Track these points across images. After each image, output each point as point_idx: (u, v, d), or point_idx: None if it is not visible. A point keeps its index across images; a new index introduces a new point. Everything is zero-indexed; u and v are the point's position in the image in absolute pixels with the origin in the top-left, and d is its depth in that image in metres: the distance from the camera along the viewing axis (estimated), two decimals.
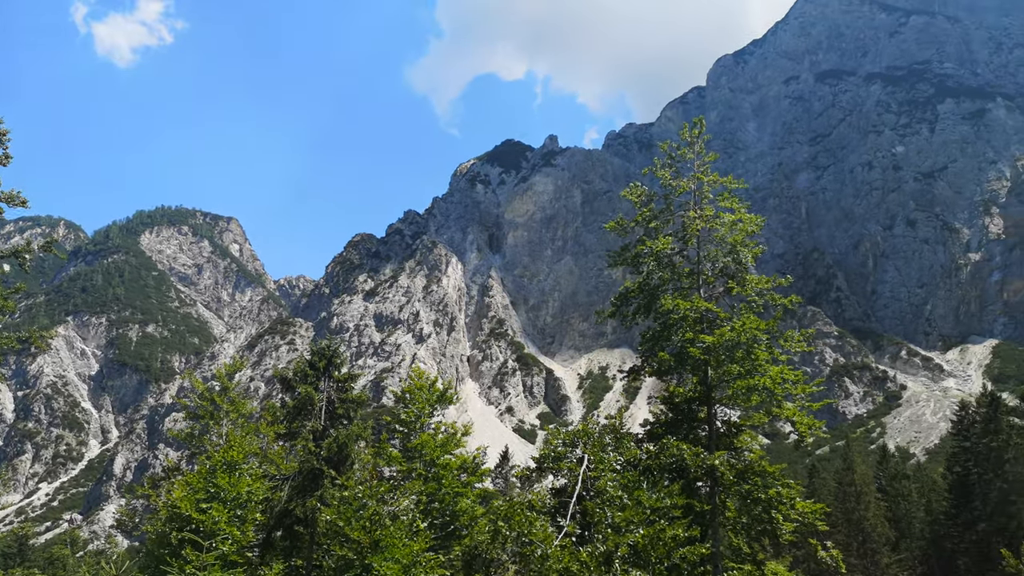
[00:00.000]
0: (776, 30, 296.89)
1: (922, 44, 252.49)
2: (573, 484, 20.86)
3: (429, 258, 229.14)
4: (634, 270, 29.46)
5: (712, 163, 29.45)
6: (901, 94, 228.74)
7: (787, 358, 27.54)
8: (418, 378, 34.70)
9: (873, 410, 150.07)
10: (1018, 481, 57.08)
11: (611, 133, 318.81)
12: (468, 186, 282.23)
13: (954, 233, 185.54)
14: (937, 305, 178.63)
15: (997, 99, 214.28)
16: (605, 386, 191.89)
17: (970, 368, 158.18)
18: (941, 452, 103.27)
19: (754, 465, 25.36)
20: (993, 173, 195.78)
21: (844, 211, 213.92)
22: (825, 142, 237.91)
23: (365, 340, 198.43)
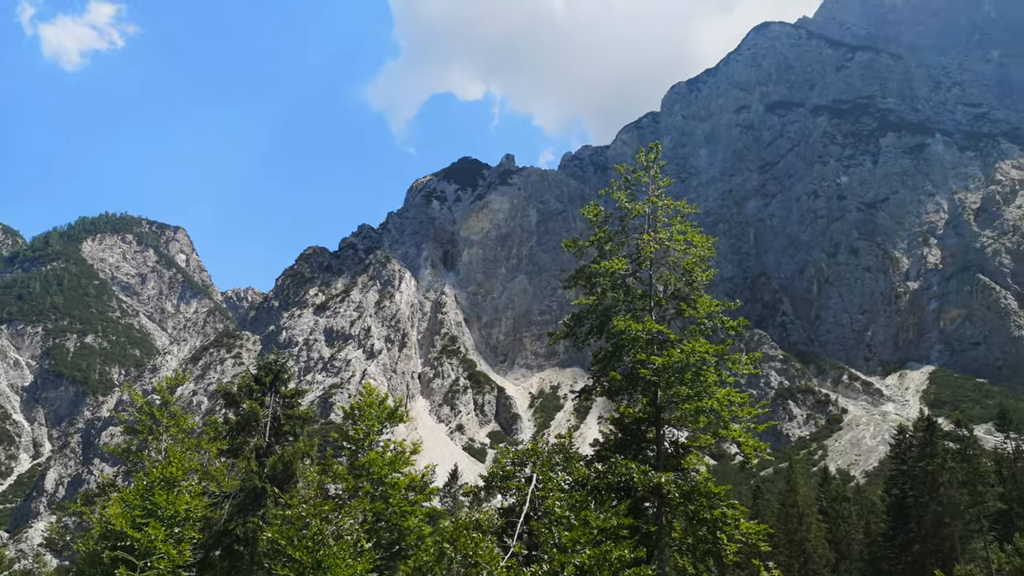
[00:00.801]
0: (729, 60, 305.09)
1: (866, 79, 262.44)
2: (521, 504, 20.73)
3: (382, 273, 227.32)
4: (588, 291, 29.67)
5: (667, 188, 29.96)
6: (846, 126, 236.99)
7: (734, 380, 28.02)
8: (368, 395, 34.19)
9: (816, 433, 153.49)
10: (952, 504, 58.90)
11: (567, 154, 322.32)
12: (424, 202, 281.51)
13: (894, 262, 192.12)
14: (878, 331, 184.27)
15: (936, 135, 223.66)
16: (556, 405, 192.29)
17: (908, 393, 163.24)
18: (880, 475, 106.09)
19: (700, 486, 25.64)
20: (932, 205, 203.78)
21: (791, 238, 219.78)
22: (773, 170, 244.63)
23: (314, 355, 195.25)
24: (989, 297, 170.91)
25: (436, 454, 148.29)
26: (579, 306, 30.14)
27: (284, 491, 28.51)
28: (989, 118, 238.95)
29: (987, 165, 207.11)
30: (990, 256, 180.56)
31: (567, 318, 30.90)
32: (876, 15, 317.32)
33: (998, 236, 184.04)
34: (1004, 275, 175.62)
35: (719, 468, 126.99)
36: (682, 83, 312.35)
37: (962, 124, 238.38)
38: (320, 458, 32.14)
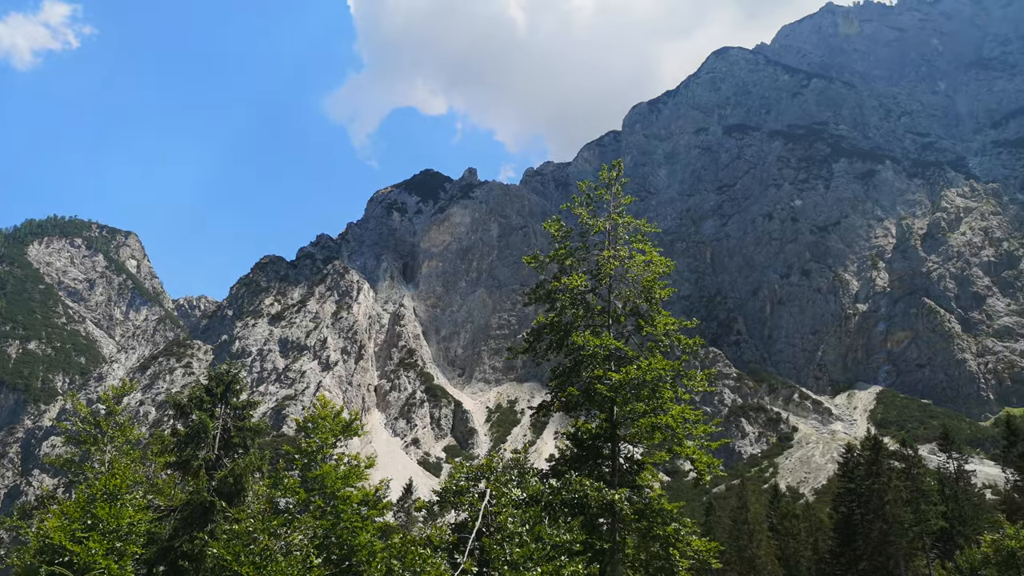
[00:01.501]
0: (689, 83, 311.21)
1: (821, 106, 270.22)
2: (474, 519, 20.54)
3: (340, 284, 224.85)
4: (548, 306, 29.74)
5: (628, 205, 30.27)
6: (800, 151, 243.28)
7: (689, 397, 28.30)
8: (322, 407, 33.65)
9: (767, 450, 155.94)
10: (896, 522, 60.25)
11: (529, 170, 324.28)
12: (384, 213, 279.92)
13: (844, 284, 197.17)
14: (828, 351, 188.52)
15: (886, 162, 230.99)
16: (513, 420, 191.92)
17: (856, 413, 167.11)
18: (828, 492, 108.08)
19: (653, 503, 25.77)
20: (881, 230, 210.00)
21: (746, 258, 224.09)
22: (730, 192, 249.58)
23: (268, 366, 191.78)
24: (934, 320, 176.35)
25: (391, 468, 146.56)
26: (539, 321, 30.20)
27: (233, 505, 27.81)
28: (936, 147, 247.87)
29: (934, 192, 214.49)
30: (935, 281, 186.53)
31: (527, 333, 30.92)
32: (831, 44, 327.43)
33: (943, 261, 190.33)
34: (948, 299, 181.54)
35: (673, 484, 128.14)
36: (643, 103, 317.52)
37: (911, 152, 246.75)
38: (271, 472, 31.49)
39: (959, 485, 69.19)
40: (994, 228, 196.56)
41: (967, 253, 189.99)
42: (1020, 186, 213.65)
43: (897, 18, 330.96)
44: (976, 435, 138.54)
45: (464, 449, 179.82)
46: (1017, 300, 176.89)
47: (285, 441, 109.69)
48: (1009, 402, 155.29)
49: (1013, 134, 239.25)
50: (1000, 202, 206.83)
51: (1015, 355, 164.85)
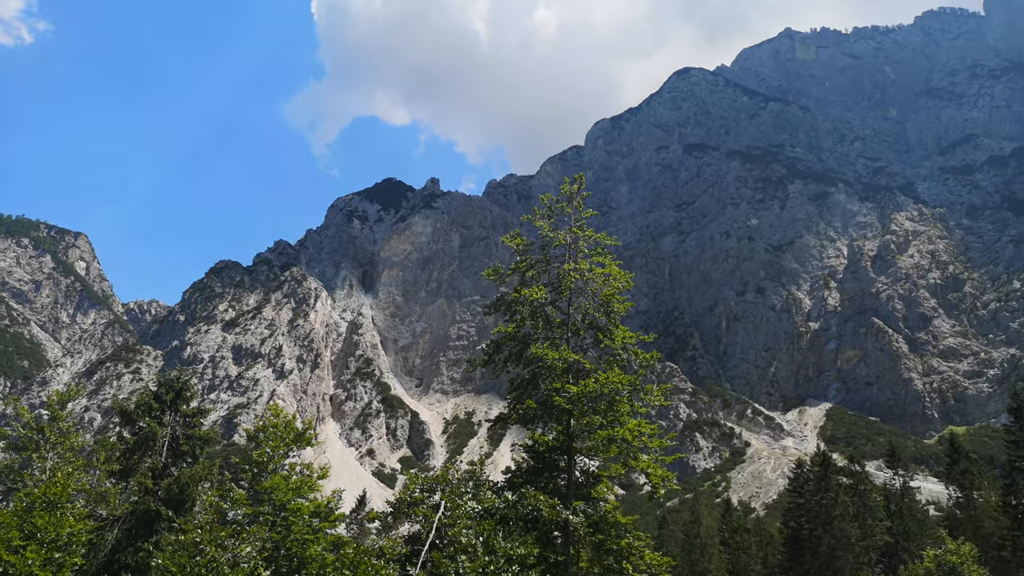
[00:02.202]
0: (651, 101, 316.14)
1: (777, 128, 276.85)
2: (427, 531, 20.33)
3: (298, 291, 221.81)
4: (508, 318, 29.73)
5: (588, 219, 30.50)
6: (757, 171, 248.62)
7: (646, 411, 28.51)
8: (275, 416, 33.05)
9: (720, 465, 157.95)
10: (843, 537, 61.46)
11: (492, 182, 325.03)
12: (345, 221, 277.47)
13: (797, 303, 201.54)
14: (780, 368, 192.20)
15: (839, 184, 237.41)
16: (470, 431, 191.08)
17: (807, 429, 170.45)
18: (779, 507, 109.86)
19: (608, 516, 25.85)
20: (833, 251, 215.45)
21: (703, 275, 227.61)
22: (689, 209, 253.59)
23: (220, 373, 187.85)
24: (882, 340, 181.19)
25: (344, 479, 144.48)
26: (498, 333, 30.16)
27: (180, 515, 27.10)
28: (887, 172, 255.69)
29: (884, 216, 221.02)
30: (884, 301, 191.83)
31: (486, 344, 30.87)
32: (788, 69, 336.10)
33: (892, 283, 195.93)
34: (896, 319, 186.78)
35: (627, 498, 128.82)
36: (606, 120, 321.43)
37: (862, 176, 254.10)
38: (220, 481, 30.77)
39: (904, 501, 70.89)
40: (940, 252, 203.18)
41: (915, 275, 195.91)
42: (965, 211, 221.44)
43: (852, 46, 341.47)
44: (921, 452, 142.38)
45: (420, 460, 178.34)
46: (961, 322, 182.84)
47: (236, 451, 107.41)
48: (953, 421, 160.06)
49: (959, 161, 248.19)
50: (946, 226, 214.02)
51: (959, 375, 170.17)
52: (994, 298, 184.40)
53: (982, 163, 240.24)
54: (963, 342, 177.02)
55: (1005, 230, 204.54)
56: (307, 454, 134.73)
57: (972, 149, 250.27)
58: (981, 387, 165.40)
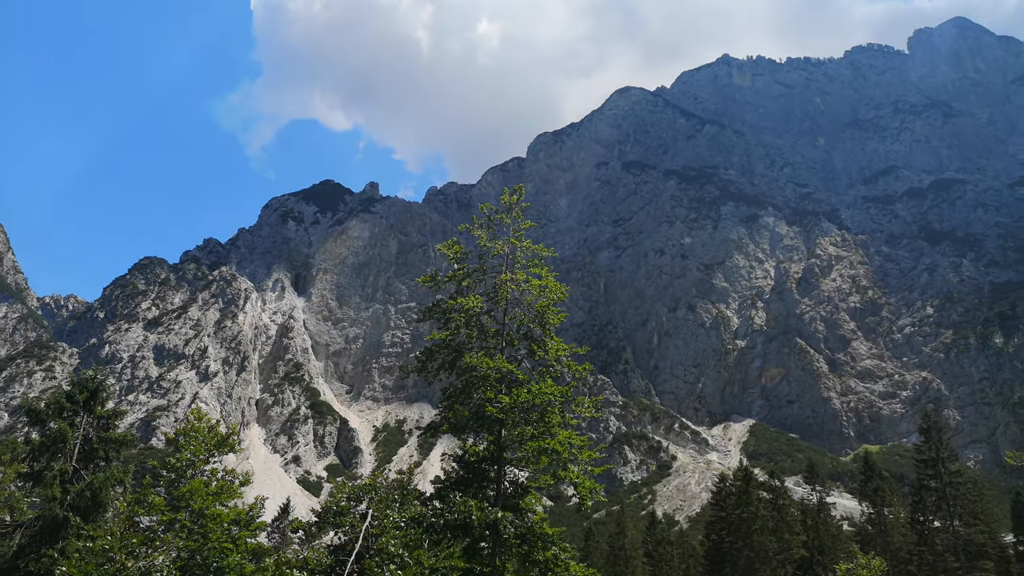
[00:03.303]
0: (592, 117, 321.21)
1: (713, 151, 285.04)
2: (353, 541, 19.89)
3: (227, 291, 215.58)
4: (443, 325, 29.55)
5: (527, 230, 30.63)
6: (692, 192, 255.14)
7: (577, 423, 28.71)
8: (198, 420, 31.91)
9: (647, 478, 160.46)
10: (762, 550, 63.16)
11: (432, 189, 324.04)
12: (279, 221, 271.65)
13: (726, 321, 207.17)
14: (708, 384, 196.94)
15: (768, 208, 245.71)
16: (400, 440, 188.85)
17: (731, 444, 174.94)
18: (701, 520, 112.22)
19: (535, 527, 25.88)
20: (761, 272, 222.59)
21: (637, 290, 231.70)
22: (626, 225, 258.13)
23: (140, 373, 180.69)
24: (804, 359, 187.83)
25: (268, 486, 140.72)
26: (432, 340, 29.95)
27: (89, 522, 25.81)
28: (813, 198, 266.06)
29: (810, 240, 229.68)
30: (807, 322, 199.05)
31: (419, 352, 30.59)
32: (725, 93, 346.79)
33: (815, 305, 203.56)
34: (818, 340, 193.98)
35: (555, 509, 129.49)
36: (548, 133, 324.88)
37: (791, 200, 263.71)
38: (136, 487, 29.49)
39: (820, 516, 73.40)
40: (861, 277, 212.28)
41: (836, 298, 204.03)
42: (885, 239, 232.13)
43: (785, 75, 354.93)
44: (837, 469, 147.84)
45: (348, 468, 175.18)
46: (878, 344, 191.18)
47: (154, 455, 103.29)
48: (867, 439, 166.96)
49: (880, 191, 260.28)
50: (867, 253, 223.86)
51: (874, 396, 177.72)
52: (909, 323, 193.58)
53: (902, 194, 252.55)
54: (879, 364, 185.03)
55: (921, 259, 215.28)
56: (229, 460, 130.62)
57: (893, 180, 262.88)
58: (894, 408, 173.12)
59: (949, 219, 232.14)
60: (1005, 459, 40.69)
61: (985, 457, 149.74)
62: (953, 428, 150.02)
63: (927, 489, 61.42)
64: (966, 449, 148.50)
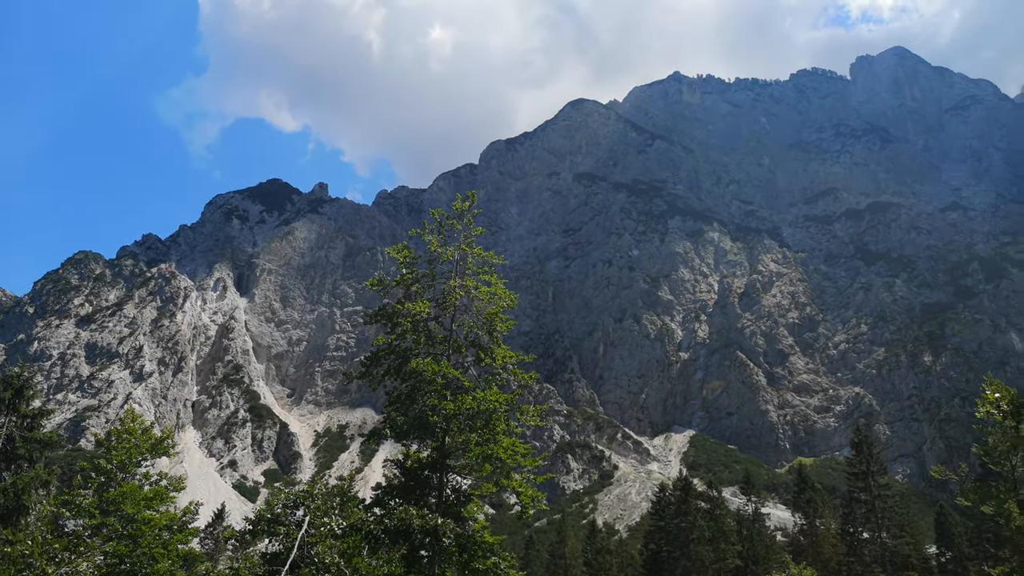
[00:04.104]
0: (546, 127, 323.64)
1: (662, 165, 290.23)
2: (288, 550, 19.45)
3: (165, 289, 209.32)
4: (389, 330, 29.27)
5: (477, 237, 30.61)
6: (641, 205, 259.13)
7: (521, 431, 28.76)
8: (133, 421, 30.86)
9: (589, 487, 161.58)
10: (698, 559, 64.22)
11: (383, 192, 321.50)
12: (223, 219, 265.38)
13: (670, 333, 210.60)
14: (651, 395, 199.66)
15: (714, 223, 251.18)
16: (342, 445, 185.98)
17: (671, 454, 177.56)
18: (641, 529, 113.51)
19: (476, 535, 25.78)
20: (705, 286, 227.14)
21: (584, 300, 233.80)
22: (576, 236, 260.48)
23: (71, 372, 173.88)
24: (744, 373, 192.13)
25: (202, 491, 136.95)
26: (378, 345, 29.63)
27: (9, 525, 24.60)
28: (757, 215, 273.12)
29: (752, 256, 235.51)
30: (748, 336, 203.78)
31: (365, 356, 30.21)
32: (675, 110, 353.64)
33: (755, 320, 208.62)
34: (758, 354, 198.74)
35: (497, 517, 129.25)
36: (501, 141, 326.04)
37: (735, 217, 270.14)
38: (63, 489, 28.29)
39: (755, 527, 75.02)
40: (799, 293, 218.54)
41: (776, 314, 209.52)
42: (823, 258, 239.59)
43: (733, 95, 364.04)
44: (772, 481, 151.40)
45: (286, 474, 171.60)
46: (814, 360, 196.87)
47: (83, 456, 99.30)
48: (802, 452, 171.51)
49: (820, 212, 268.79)
50: (806, 270, 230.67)
51: (809, 410, 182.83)
52: (844, 340, 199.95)
53: (840, 214, 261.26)
54: (815, 379, 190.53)
55: (856, 278, 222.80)
56: (162, 463, 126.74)
57: (832, 201, 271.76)
58: (828, 422, 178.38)
59: (884, 240, 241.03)
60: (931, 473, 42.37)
61: (912, 471, 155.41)
62: (883, 442, 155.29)
63: (857, 501, 63.38)
64: (895, 463, 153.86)
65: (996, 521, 33.52)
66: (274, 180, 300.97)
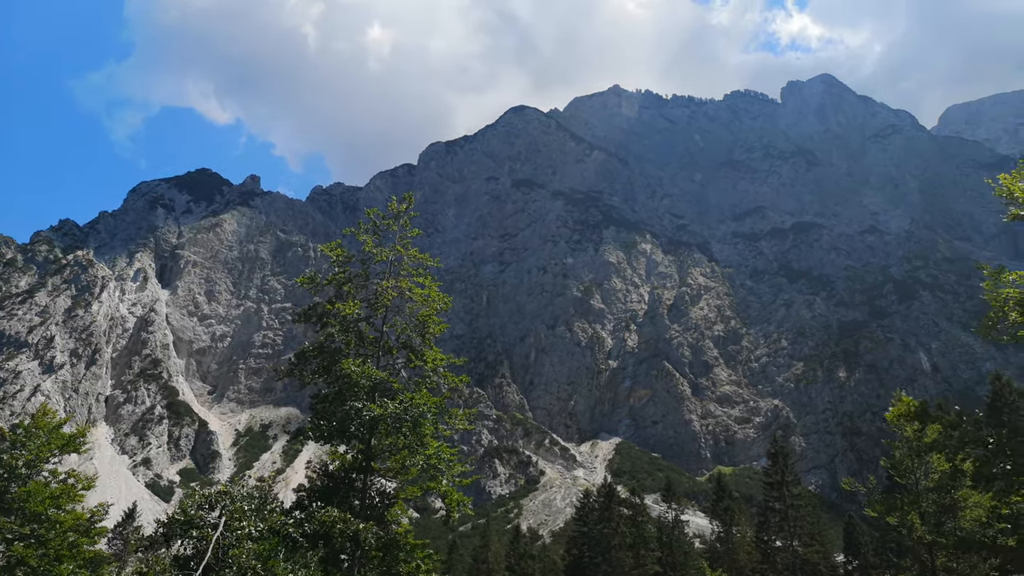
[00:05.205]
0: (486, 132, 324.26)
1: (599, 176, 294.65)
2: (203, 552, 18.79)
3: (82, 277, 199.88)
4: (319, 329, 28.77)
5: (413, 239, 30.40)
6: (577, 214, 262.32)
7: (449, 434, 28.65)
8: (44, 415, 29.35)
9: (515, 492, 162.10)
10: (619, 565, 65.17)
11: (318, 188, 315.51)
12: (147, 207, 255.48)
13: (601, 341, 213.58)
14: (579, 402, 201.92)
15: (647, 235, 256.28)
16: (264, 445, 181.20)
17: (597, 461, 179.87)
18: (564, 535, 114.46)
19: (399, 539, 25.54)
20: (636, 296, 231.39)
21: (518, 306, 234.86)
22: (512, 241, 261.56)
23: None
24: (670, 382, 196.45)
25: (113, 489, 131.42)
26: (306, 344, 29.06)
27: None
28: (688, 230, 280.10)
29: (682, 269, 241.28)
30: (675, 347, 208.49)
31: (293, 355, 29.57)
32: (614, 123, 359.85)
33: (683, 331, 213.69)
34: (683, 365, 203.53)
35: (422, 521, 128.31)
36: (441, 143, 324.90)
37: (668, 230, 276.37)
38: None
39: (674, 533, 76.70)
40: (725, 307, 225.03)
41: (702, 326, 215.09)
42: (749, 273, 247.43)
43: (670, 111, 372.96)
44: (693, 489, 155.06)
45: (203, 474, 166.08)
46: (737, 372, 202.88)
47: None
48: (722, 461, 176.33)
49: (747, 229, 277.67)
50: (732, 285, 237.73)
51: (730, 420, 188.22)
52: (765, 353, 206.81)
53: (766, 232, 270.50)
54: (736, 390, 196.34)
55: (779, 294, 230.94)
56: (71, 460, 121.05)
57: (759, 219, 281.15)
58: (748, 432, 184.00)
59: (806, 259, 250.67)
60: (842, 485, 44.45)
61: (825, 482, 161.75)
62: (798, 454, 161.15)
63: (772, 510, 65.49)
64: (808, 474, 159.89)
65: (899, 531, 35.23)
66: (203, 170, 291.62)
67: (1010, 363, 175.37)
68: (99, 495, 35.50)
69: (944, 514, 31.89)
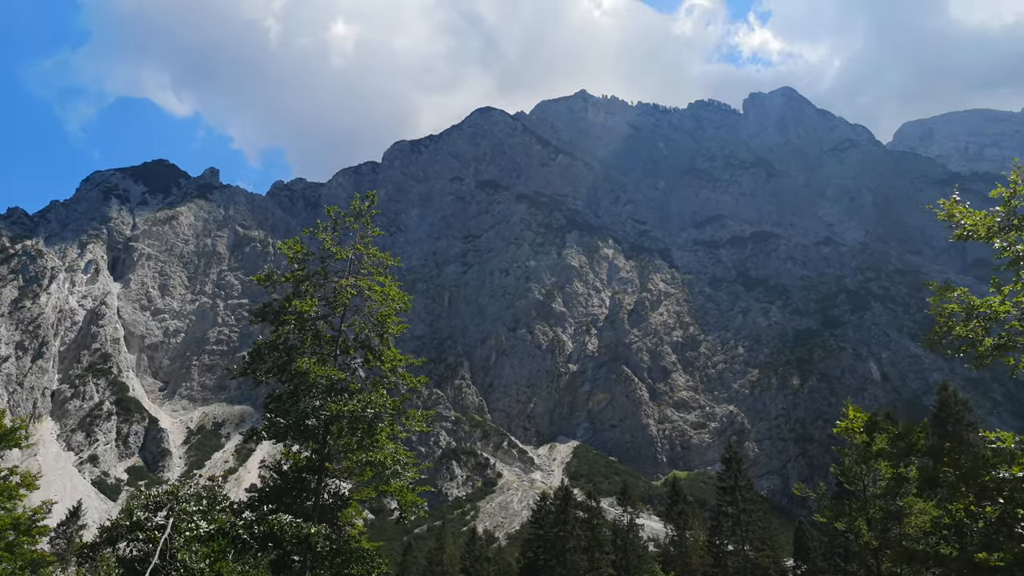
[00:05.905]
0: (452, 132, 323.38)
1: (564, 180, 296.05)
2: (149, 553, 18.29)
3: (30, 268, 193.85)
4: (275, 327, 28.28)
5: (375, 238, 30.10)
6: (541, 217, 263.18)
7: (406, 435, 28.40)
8: None
9: (472, 494, 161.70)
10: (574, 568, 65.43)
11: (279, 183, 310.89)
12: (100, 198, 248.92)
13: (561, 345, 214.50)
14: (539, 404, 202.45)
15: (609, 240, 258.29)
16: (216, 444, 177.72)
17: (555, 464, 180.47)
18: (520, 538, 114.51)
19: (352, 541, 25.25)
20: (597, 300, 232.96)
21: (480, 307, 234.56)
22: (475, 242, 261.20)
23: None
24: (628, 387, 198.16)
25: (57, 487, 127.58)
26: (262, 341, 28.56)
27: None
28: (650, 236, 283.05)
29: (643, 275, 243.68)
30: (634, 352, 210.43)
31: (248, 352, 29.02)
32: (579, 127, 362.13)
33: (643, 336, 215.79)
34: (643, 370, 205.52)
35: (377, 523, 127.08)
36: (406, 141, 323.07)
37: (630, 236, 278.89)
38: None
39: (629, 537, 77.27)
40: (684, 313, 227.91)
41: (661, 332, 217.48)
42: (708, 281, 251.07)
43: (635, 117, 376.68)
44: (648, 492, 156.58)
45: (152, 472, 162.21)
46: (694, 377, 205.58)
47: None
48: (677, 466, 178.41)
49: (708, 236, 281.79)
50: (692, 292, 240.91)
51: (687, 425, 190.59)
52: (722, 360, 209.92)
53: (726, 241, 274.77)
54: (693, 396, 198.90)
55: (737, 302, 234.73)
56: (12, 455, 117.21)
57: (719, 227, 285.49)
58: (703, 437, 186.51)
59: (764, 268, 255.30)
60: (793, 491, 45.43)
61: (777, 487, 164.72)
62: (751, 459, 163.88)
63: (724, 515, 66.42)
64: (761, 479, 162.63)
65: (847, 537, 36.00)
66: (160, 161, 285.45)
67: (956, 374, 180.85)
68: (43, 493, 34.34)
69: (890, 520, 32.69)
